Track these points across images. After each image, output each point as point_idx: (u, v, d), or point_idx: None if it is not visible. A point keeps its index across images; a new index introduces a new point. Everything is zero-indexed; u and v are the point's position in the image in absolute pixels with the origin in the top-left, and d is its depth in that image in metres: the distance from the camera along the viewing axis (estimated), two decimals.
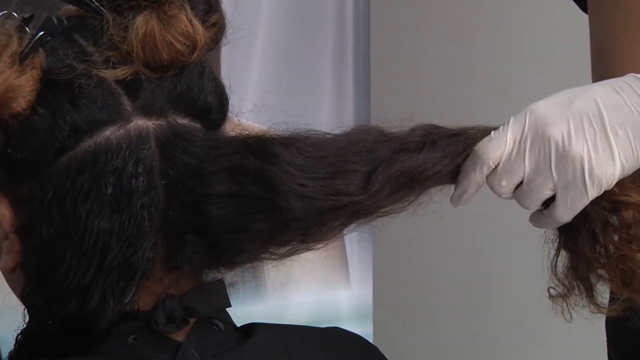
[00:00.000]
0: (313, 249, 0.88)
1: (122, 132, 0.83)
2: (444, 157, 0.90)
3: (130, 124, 0.83)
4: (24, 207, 0.85)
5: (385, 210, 0.90)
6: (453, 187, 0.93)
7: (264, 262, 0.89)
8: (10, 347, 0.89)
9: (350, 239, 0.89)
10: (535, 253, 0.94)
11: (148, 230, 0.83)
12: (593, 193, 0.89)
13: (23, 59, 0.83)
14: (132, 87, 0.84)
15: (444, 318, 2.52)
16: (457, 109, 2.34)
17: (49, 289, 0.84)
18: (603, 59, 1.11)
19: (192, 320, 0.87)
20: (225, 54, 0.94)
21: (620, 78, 0.92)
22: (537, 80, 2.22)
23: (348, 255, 2.15)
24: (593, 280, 0.93)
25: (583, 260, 0.93)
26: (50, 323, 0.85)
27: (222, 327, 0.89)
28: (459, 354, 2.51)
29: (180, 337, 0.86)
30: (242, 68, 1.95)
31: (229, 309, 0.91)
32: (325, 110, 2.16)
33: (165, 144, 0.84)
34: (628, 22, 1.08)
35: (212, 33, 0.86)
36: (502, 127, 0.91)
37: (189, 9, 0.84)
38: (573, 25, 1.39)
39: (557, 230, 0.94)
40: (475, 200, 0.93)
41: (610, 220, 0.92)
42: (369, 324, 2.21)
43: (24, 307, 0.88)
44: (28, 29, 0.85)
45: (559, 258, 0.94)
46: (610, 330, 1.26)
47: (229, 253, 0.87)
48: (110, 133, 0.83)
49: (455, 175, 0.92)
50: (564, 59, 2.19)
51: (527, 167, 0.89)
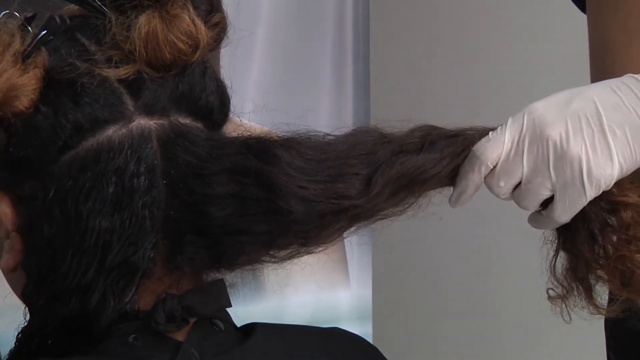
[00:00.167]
0: (313, 252, 0.88)
1: (124, 131, 0.83)
2: (443, 158, 0.90)
3: (133, 123, 0.83)
4: (26, 205, 0.85)
5: (385, 213, 0.90)
6: (452, 188, 0.93)
7: (265, 264, 0.88)
8: (11, 346, 0.89)
9: (350, 241, 0.88)
10: (535, 253, 0.94)
11: (149, 230, 0.83)
12: (591, 193, 0.89)
13: (26, 58, 0.83)
14: (134, 86, 0.84)
15: (444, 318, 2.52)
16: (456, 109, 2.34)
17: (50, 288, 0.84)
18: (602, 59, 1.11)
19: (192, 320, 0.87)
20: (226, 54, 0.94)
21: (619, 78, 0.92)
22: (536, 81, 2.22)
23: (347, 256, 2.15)
24: (592, 281, 0.93)
25: (582, 261, 0.93)
26: (51, 322, 0.85)
27: (222, 327, 0.89)
28: (459, 354, 2.51)
29: (181, 336, 0.86)
30: (242, 68, 1.95)
31: (229, 309, 0.91)
32: (325, 110, 2.15)
33: (167, 144, 0.84)
34: (628, 22, 1.08)
35: (214, 33, 0.86)
36: (500, 127, 0.91)
37: (192, 9, 0.84)
38: (572, 26, 1.39)
39: (555, 231, 0.94)
40: (474, 201, 0.93)
41: (609, 221, 0.92)
42: (369, 324, 2.20)
43: (25, 306, 0.88)
44: (30, 28, 0.84)
45: (558, 259, 0.94)
46: (610, 331, 1.26)
47: (229, 255, 0.87)
48: (113, 132, 0.83)
49: (454, 177, 0.92)
50: (563, 60, 2.19)
51: (525, 167, 0.89)
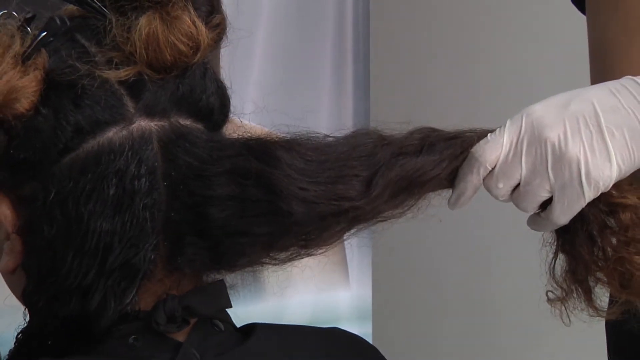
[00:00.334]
0: (314, 254, 0.88)
1: (124, 133, 0.83)
2: (442, 160, 0.90)
3: (133, 125, 0.83)
4: (26, 207, 0.85)
5: (385, 215, 0.90)
6: (451, 190, 0.93)
7: (265, 266, 0.88)
8: (11, 346, 0.89)
9: (350, 241, 0.88)
10: (534, 254, 0.94)
11: (150, 232, 0.83)
12: (590, 195, 0.89)
13: (26, 60, 0.83)
14: (134, 88, 0.84)
15: (443, 318, 2.52)
16: (456, 110, 2.34)
17: (50, 289, 0.84)
18: (602, 60, 1.11)
19: (192, 321, 0.87)
20: (226, 54, 0.94)
21: (617, 80, 0.92)
22: (536, 81, 2.22)
23: (348, 256, 2.15)
24: (591, 284, 0.93)
25: (581, 263, 0.92)
26: (51, 322, 0.85)
27: (222, 327, 0.89)
28: (459, 354, 2.51)
29: (181, 337, 0.86)
30: (242, 68, 1.95)
31: (229, 310, 0.91)
32: (325, 111, 2.15)
33: (168, 145, 0.84)
34: (627, 22, 1.08)
35: (215, 34, 0.86)
36: (498, 129, 0.90)
37: (192, 10, 0.84)
38: (572, 26, 1.39)
39: (554, 233, 0.94)
40: (473, 203, 0.93)
41: (608, 223, 0.92)
42: (368, 324, 2.21)
43: (25, 307, 0.88)
44: (30, 29, 0.84)
45: (557, 261, 0.94)
46: (609, 333, 1.26)
47: (230, 256, 0.86)
48: (113, 134, 0.83)
49: (453, 179, 0.92)
50: (563, 60, 2.19)
51: (523, 169, 0.89)
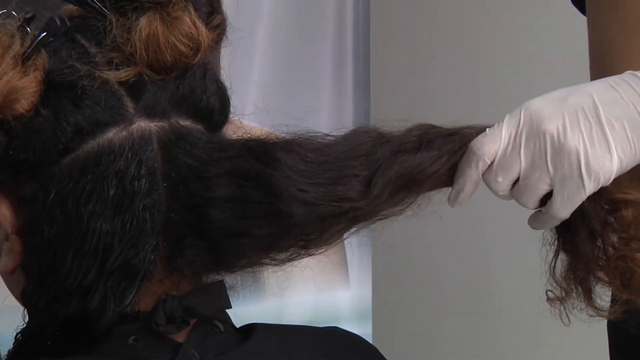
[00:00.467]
0: (314, 254, 0.88)
1: (124, 133, 0.83)
2: (441, 156, 0.90)
3: (133, 126, 0.83)
4: (26, 207, 0.85)
5: (385, 213, 0.89)
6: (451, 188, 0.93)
7: (265, 266, 0.88)
8: (10, 346, 0.89)
9: (350, 241, 0.88)
10: (534, 253, 0.94)
11: (150, 232, 0.83)
12: (590, 187, 0.88)
13: (25, 60, 0.83)
14: (135, 88, 0.84)
15: (443, 318, 2.52)
16: (456, 110, 2.34)
17: (50, 289, 0.84)
18: (602, 59, 1.10)
19: (192, 321, 0.87)
20: (226, 55, 0.94)
21: (617, 75, 0.92)
22: (536, 81, 2.22)
23: (347, 256, 2.15)
24: (592, 283, 0.92)
25: (582, 262, 0.92)
26: (50, 323, 0.85)
27: (222, 327, 0.89)
28: (459, 354, 2.51)
29: (181, 338, 0.86)
30: (242, 68, 1.95)
31: (229, 310, 0.91)
32: (325, 111, 2.15)
33: (168, 146, 0.84)
34: (627, 22, 1.08)
35: (215, 35, 0.86)
36: (497, 123, 0.90)
37: (193, 11, 0.84)
38: (572, 26, 1.39)
39: (555, 232, 0.94)
40: (474, 201, 0.92)
41: (609, 220, 0.91)
42: (368, 324, 2.21)
43: (24, 307, 0.88)
44: (30, 30, 0.84)
45: (558, 260, 0.94)
46: (610, 332, 1.26)
47: (230, 257, 0.86)
48: (113, 135, 0.83)
49: (453, 176, 0.91)
50: (563, 60, 2.19)
51: (522, 161, 0.89)
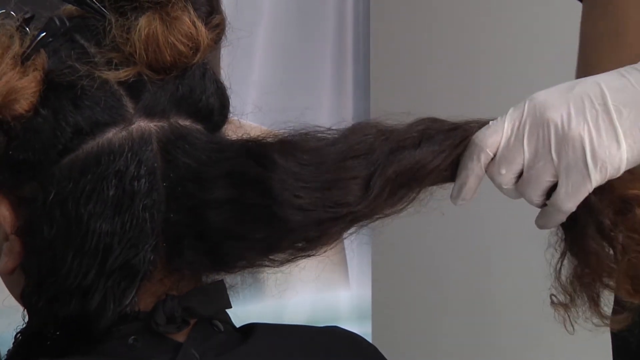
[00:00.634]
0: (313, 255, 0.88)
1: (124, 133, 0.83)
2: (442, 150, 0.88)
3: (133, 126, 0.83)
4: (26, 207, 0.85)
5: (386, 212, 0.89)
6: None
7: (264, 267, 0.88)
8: (10, 346, 0.89)
9: (350, 241, 0.88)
10: (535, 253, 0.93)
11: (149, 232, 0.83)
12: (597, 177, 0.84)
13: (25, 60, 0.82)
14: (134, 88, 0.84)
15: (443, 318, 2.52)
16: (456, 110, 2.32)
17: (50, 289, 0.84)
18: (589, 53, 1.10)
19: (192, 321, 0.87)
20: (226, 55, 0.94)
21: (630, 65, 0.88)
22: (536, 81, 2.21)
23: (347, 256, 2.15)
24: (599, 289, 0.88)
25: (589, 265, 0.88)
26: (50, 323, 0.85)
27: (222, 327, 0.89)
28: (459, 354, 2.51)
29: (181, 338, 0.86)
30: (242, 68, 1.95)
31: (229, 310, 0.90)
32: (325, 110, 2.16)
33: (167, 146, 0.84)
34: (618, 20, 1.08)
35: (214, 34, 0.86)
36: (500, 117, 0.88)
37: (192, 11, 0.84)
38: (572, 26, 1.39)
39: (562, 231, 0.90)
40: (475, 201, 0.91)
41: (620, 220, 0.87)
42: (368, 324, 2.21)
43: (24, 307, 0.88)
44: (29, 30, 0.84)
45: (563, 264, 0.89)
46: (613, 336, 1.25)
47: (228, 259, 0.86)
48: (113, 135, 0.83)
49: (455, 171, 0.89)
50: (563, 60, 2.18)
51: (526, 152, 0.86)
